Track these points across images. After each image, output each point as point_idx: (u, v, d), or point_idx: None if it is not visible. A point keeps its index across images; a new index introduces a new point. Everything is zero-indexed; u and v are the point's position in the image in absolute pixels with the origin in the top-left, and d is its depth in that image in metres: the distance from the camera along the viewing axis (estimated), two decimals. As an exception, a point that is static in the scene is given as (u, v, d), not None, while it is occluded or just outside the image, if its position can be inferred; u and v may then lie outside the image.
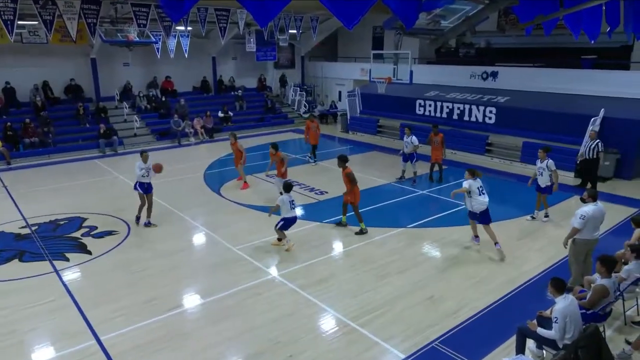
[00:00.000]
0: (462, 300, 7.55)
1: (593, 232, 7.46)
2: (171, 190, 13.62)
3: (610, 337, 6.59)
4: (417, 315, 7.17)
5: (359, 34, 24.94)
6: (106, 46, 19.21)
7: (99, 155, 18.47)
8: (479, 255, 9.28)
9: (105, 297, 7.75)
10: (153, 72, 23.24)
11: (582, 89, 16.37)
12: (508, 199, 13.02)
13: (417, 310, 7.31)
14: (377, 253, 9.36)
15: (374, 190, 13.53)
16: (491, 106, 17.80)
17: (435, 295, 7.74)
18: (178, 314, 7.28)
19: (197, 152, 19.27)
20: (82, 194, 13.49)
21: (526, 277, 8.31)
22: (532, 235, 10.29)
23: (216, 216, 11.60)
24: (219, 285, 8.09)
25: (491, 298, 7.62)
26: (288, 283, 8.16)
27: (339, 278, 8.35)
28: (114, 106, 21.62)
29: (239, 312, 7.28)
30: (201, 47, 23.69)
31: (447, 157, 15.38)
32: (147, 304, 7.50)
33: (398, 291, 7.86)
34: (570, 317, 5.48)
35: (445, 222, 11.07)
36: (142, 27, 15.83)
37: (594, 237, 7.50)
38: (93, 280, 8.40)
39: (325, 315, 7.21)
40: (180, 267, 8.85)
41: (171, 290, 7.99)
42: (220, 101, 24.25)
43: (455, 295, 7.73)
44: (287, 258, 9.15)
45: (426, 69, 21.45)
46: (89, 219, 11.38)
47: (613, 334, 6.70)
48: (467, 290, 7.90)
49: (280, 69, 27.73)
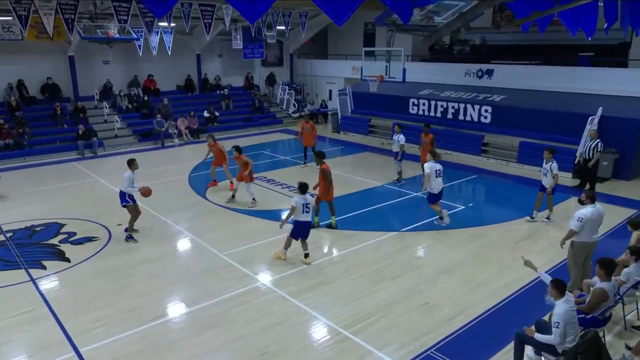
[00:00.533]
0: (459, 306, 7.58)
1: (591, 235, 7.54)
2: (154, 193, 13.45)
3: (610, 342, 6.65)
4: (412, 322, 7.18)
5: (350, 30, 25.04)
6: (85, 43, 19.05)
7: (77, 158, 18.30)
8: (476, 259, 9.33)
9: (85, 306, 7.66)
10: (134, 70, 23.10)
11: (579, 87, 16.57)
12: (505, 200, 13.12)
13: (412, 316, 7.33)
14: (371, 258, 9.37)
15: (366, 193, 13.56)
16: (487, 105, 17.95)
17: (431, 301, 7.76)
18: (162, 323, 7.22)
19: (181, 154, 19.18)
20: (60, 199, 13.35)
21: (525, 280, 8.36)
22: (532, 237, 10.38)
23: (201, 220, 11.55)
24: (204, 293, 8.04)
25: (489, 303, 7.66)
26: (277, 290, 8.14)
27: (331, 284, 8.34)
28: (93, 106, 21.44)
29: (226, 321, 7.24)
30: (185, 44, 23.62)
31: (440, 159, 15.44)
32: (129, 314, 7.43)
33: (392, 297, 7.87)
34: (571, 320, 5.51)
35: (440, 225, 11.10)
36: (123, 23, 15.71)
37: (592, 239, 7.57)
38: (72, 289, 8.31)
39: (316, 323, 7.20)
40: (163, 275, 8.79)
41: (154, 298, 7.92)
42: (205, 101, 24.18)
43: (452, 300, 7.76)
44: (276, 264, 9.12)
45: (419, 67, 21.57)
46: (67, 224, 11.27)
47: (613, 339, 6.77)
48: (463, 295, 7.94)
49: (268, 67, 27.73)
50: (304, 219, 8.89)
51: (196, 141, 21.12)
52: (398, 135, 14.07)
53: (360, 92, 22.58)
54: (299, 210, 8.81)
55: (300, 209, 8.80)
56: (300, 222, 8.92)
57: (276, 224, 11.20)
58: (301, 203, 8.79)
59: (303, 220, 8.89)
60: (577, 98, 16.38)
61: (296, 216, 8.88)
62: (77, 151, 18.72)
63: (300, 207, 8.79)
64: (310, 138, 16.36)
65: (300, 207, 8.80)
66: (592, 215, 7.43)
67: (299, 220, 8.91)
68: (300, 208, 8.80)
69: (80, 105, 20.50)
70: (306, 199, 8.85)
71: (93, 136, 19.19)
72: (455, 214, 11.76)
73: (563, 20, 12.73)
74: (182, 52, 23.49)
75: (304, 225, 8.93)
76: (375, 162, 17.21)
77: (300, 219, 8.90)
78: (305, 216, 8.88)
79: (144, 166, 16.55)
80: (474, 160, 17.33)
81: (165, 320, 7.33)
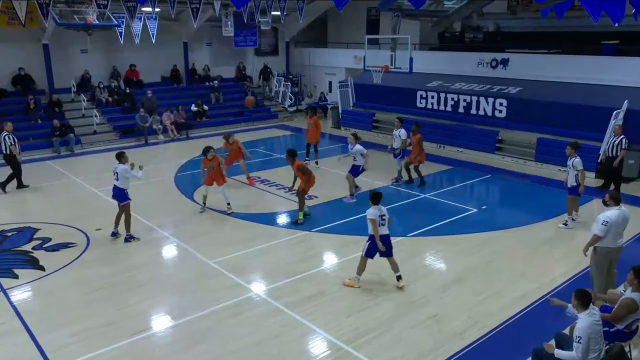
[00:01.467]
0: (471, 319, 7.59)
1: (616, 240, 7.55)
2: (137, 195, 13.47)
3: (636, 358, 6.66)
4: (419, 336, 7.18)
5: (352, 16, 25.03)
6: (61, 30, 19.04)
7: (52, 156, 18.29)
8: (489, 266, 9.34)
9: (61, 319, 7.65)
10: (115, 60, 23.08)
11: (603, 78, 16.58)
12: (522, 203, 13.13)
13: (419, 330, 7.33)
14: (374, 266, 9.34)
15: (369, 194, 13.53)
16: (501, 98, 17.96)
17: (440, 313, 7.77)
18: (145, 338, 7.22)
19: (166, 151, 19.18)
20: (34, 201, 13.33)
21: (543, 291, 8.37)
22: (551, 243, 10.39)
23: (189, 225, 11.55)
24: (192, 305, 8.03)
25: (503, 316, 7.66)
26: (272, 301, 8.14)
27: (331, 295, 8.34)
28: (70, 99, 21.42)
29: (216, 335, 7.23)
30: (171, 31, 23.59)
31: (452, 156, 15.47)
32: (109, 327, 7.42)
33: (397, 309, 7.88)
34: (595, 335, 5.51)
35: (450, 229, 11.13)
36: (103, 8, 15.68)
37: (617, 245, 7.59)
38: (46, 300, 8.30)
39: (315, 338, 7.20)
40: (147, 284, 8.79)
41: (137, 310, 7.92)
42: (193, 93, 24.17)
43: (462, 313, 7.76)
44: (271, 273, 9.13)
45: (428, 56, 21.57)
46: (41, 229, 11.25)
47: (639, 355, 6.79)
48: (476, 307, 7.94)
49: (262, 57, 27.72)
50: (382, 233, 8.32)
51: (183, 138, 21.12)
52: (399, 129, 14.07)
53: (362, 83, 22.58)
54: (376, 224, 8.27)
55: (378, 222, 8.26)
56: (380, 235, 8.29)
57: (271, 228, 11.27)
58: (377, 215, 8.25)
59: (381, 234, 8.29)
60: (600, 90, 16.40)
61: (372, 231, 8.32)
62: (52, 149, 18.70)
63: (377, 219, 8.25)
64: (312, 134, 16.41)
65: (378, 220, 8.25)
66: (617, 219, 7.44)
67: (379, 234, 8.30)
68: (378, 220, 8.26)
69: (55, 99, 20.48)
70: (381, 209, 8.33)
71: (70, 132, 19.16)
72: (467, 217, 11.78)
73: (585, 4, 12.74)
74: (167, 40, 23.45)
75: (383, 240, 8.28)
76: (379, 161, 17.19)
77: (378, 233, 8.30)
78: (382, 229, 8.30)
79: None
80: (487, 159, 17.34)
81: (149, 334, 7.32)
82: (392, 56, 17.75)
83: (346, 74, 25.27)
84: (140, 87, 23.28)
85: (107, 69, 23.08)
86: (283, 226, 11.49)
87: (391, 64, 17.72)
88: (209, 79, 25.68)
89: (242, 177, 14.69)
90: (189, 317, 7.69)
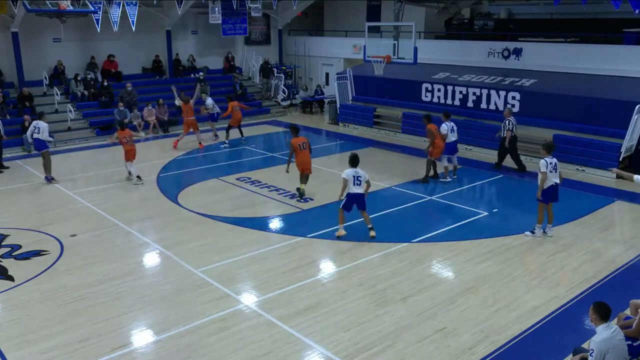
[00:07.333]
0: (481, 333, 7.60)
1: None
2: (115, 198, 13.51)
3: (661, 375, 6.68)
4: (425, 351, 7.20)
5: (351, 2, 25.07)
6: (31, 17, 19.01)
7: (23, 155, 18.25)
8: (500, 276, 9.36)
9: (32, 335, 7.63)
10: (92, 50, 23.04)
11: (625, 69, 16.65)
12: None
13: (425, 345, 7.34)
14: (376, 275, 9.39)
15: (371, 197, 13.51)
16: (514, 91, 18.00)
17: (448, 326, 7.79)
18: (124, 355, 7.20)
19: (148, 150, 19.12)
20: (2, 204, 13.29)
21: (559, 302, 8.39)
22: (567, 250, 10.41)
23: (173, 230, 11.54)
24: (176, 318, 8.03)
25: (516, 329, 7.68)
26: (264, 314, 8.14)
27: (328, 307, 8.34)
28: (41, 93, 21.37)
29: (203, 352, 7.23)
30: (153, 18, 23.58)
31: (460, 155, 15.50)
32: (84, 344, 7.40)
33: (401, 322, 7.89)
34: (613, 351, 5.54)
35: (458, 235, 11.15)
36: (78, -7, 15.72)
37: None
38: (15, 314, 8.26)
39: (311, 354, 7.20)
40: (126, 296, 8.77)
41: (115, 325, 7.90)
42: (177, 86, 24.10)
43: (472, 326, 7.78)
44: (262, 283, 9.13)
45: (434, 45, 21.63)
46: (10, 235, 11.22)
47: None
48: (486, 320, 7.96)
49: (252, 46, 27.71)
50: (356, 191, 10.53)
51: (166, 135, 21.09)
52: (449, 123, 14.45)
53: (363, 75, 22.62)
54: (350, 183, 10.47)
55: (352, 181, 10.46)
56: (351, 194, 10.55)
57: (263, 234, 11.29)
58: (352, 175, 10.46)
59: (354, 192, 10.51)
60: (622, 82, 16.47)
61: (348, 189, 10.55)
62: (22, 147, 18.66)
63: (351, 179, 10.45)
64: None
65: (352, 179, 10.45)
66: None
67: (351, 192, 10.54)
68: (352, 180, 10.45)
69: (26, 92, 20.42)
70: (357, 171, 10.52)
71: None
72: (476, 221, 11.80)
73: (605, -11, 12.80)
74: (149, 28, 23.45)
75: (356, 197, 10.54)
76: (382, 159, 17.25)
77: (351, 191, 10.54)
78: (356, 188, 10.52)
79: (103, 165, 16.60)
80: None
81: (129, 350, 7.30)
82: (395, 45, 17.77)
83: (345, 64, 25.31)
84: (119, 80, 23.25)
85: (82, 59, 23.02)
86: (276, 231, 11.49)
87: (394, 54, 17.74)
88: (194, 70, 25.66)
89: (230, 178, 14.76)
90: (172, 332, 7.67)
